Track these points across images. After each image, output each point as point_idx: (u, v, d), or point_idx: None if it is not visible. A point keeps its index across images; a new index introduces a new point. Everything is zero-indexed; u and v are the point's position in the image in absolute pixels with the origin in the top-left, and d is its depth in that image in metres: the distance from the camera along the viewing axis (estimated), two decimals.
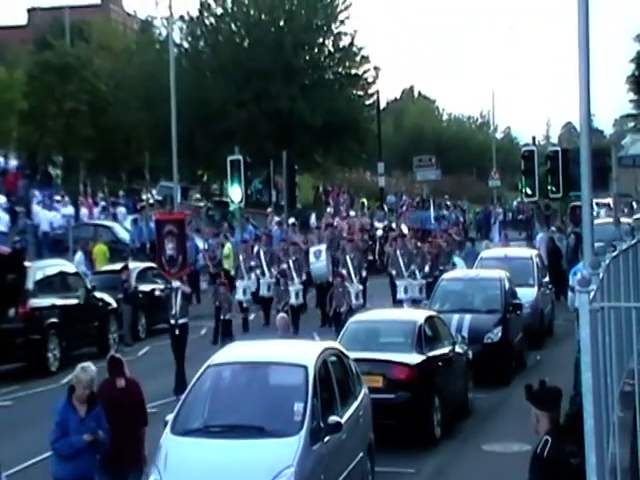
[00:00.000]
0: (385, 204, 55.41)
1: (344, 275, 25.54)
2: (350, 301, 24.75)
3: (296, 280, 26.99)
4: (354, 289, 25.76)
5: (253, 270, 28.54)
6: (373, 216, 47.05)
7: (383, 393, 14.95)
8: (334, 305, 24.81)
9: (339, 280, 25.24)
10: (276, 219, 39.69)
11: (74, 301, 24.40)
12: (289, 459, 10.52)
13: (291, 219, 37.95)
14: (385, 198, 57.77)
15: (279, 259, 28.24)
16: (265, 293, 27.88)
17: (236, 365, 12.24)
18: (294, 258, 27.88)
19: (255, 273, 28.54)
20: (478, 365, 18.59)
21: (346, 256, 26.96)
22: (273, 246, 30.52)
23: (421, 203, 54.93)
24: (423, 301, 24.72)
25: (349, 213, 48.53)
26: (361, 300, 26.37)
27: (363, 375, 13.56)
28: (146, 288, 27.42)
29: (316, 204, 56.58)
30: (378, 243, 38.42)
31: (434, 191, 59.55)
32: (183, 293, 20.54)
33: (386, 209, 51.55)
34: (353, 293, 25.41)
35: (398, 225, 40.01)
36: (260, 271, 28.38)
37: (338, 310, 24.53)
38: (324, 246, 29.65)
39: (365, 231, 38.75)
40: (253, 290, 28.46)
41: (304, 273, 28.15)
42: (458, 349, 17.96)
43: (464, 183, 77.86)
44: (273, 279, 27.50)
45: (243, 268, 28.46)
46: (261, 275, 28.34)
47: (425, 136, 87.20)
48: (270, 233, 33.91)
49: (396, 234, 32.03)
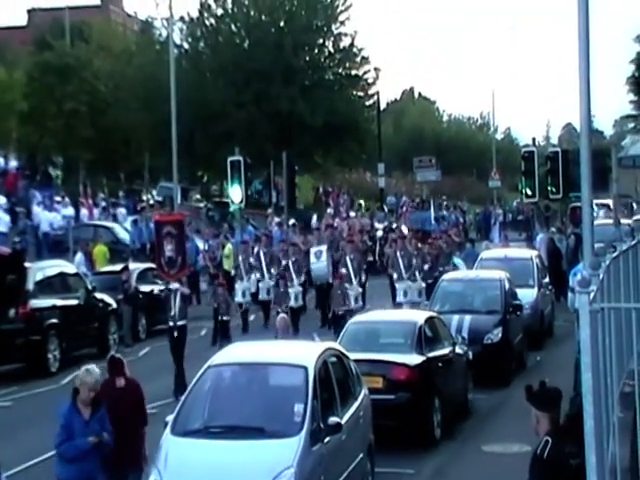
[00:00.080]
0: (385, 205, 55.43)
1: (343, 276, 25.52)
2: (349, 303, 24.74)
3: (295, 281, 27.00)
4: (354, 291, 25.74)
5: (253, 271, 28.52)
6: (373, 217, 47.06)
7: (383, 394, 14.94)
8: (332, 307, 24.80)
9: (338, 282, 25.22)
10: (276, 220, 39.69)
11: (74, 302, 24.40)
12: (289, 460, 10.53)
13: (291, 220, 37.96)
14: (385, 199, 57.79)
15: (279, 260, 28.23)
16: (265, 296, 27.84)
17: (236, 366, 12.24)
18: (294, 259, 27.88)
19: (255, 274, 28.52)
20: (478, 366, 18.58)
21: (346, 257, 26.93)
22: (273, 247, 30.51)
23: (421, 204, 54.93)
24: (422, 304, 24.73)
25: (349, 214, 48.54)
26: (360, 302, 26.29)
27: (363, 376, 13.55)
28: (146, 289, 27.42)
29: (316, 205, 56.56)
30: (378, 244, 38.41)
31: (434, 192, 59.52)
32: (182, 295, 20.47)
33: (386, 210, 51.56)
34: (352, 295, 25.41)
35: (398, 226, 39.97)
36: (260, 273, 28.37)
37: (336, 312, 24.52)
38: (325, 247, 29.63)
39: (365, 232, 38.75)
40: (253, 291, 28.45)
41: (303, 274, 28.17)
42: (458, 350, 17.97)
43: (464, 184, 77.85)
44: (272, 281, 27.49)
45: (242, 269, 28.45)
46: (260, 277, 28.32)
47: (425, 137, 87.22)
48: (270, 234, 33.89)
49: (396, 235, 31.99)
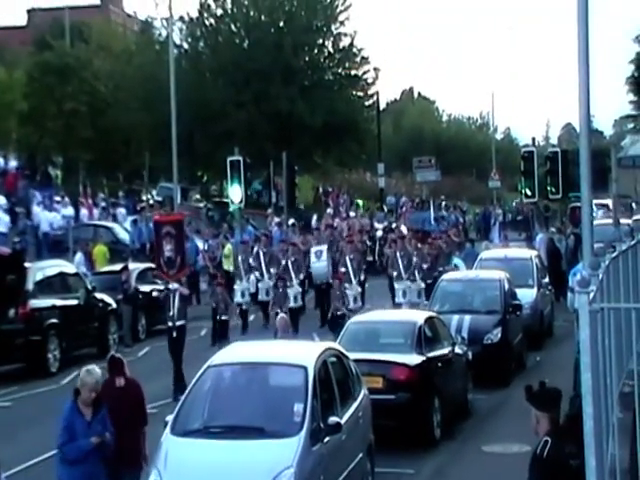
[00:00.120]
0: (385, 205, 55.44)
1: (342, 277, 25.53)
2: (348, 303, 24.74)
3: (295, 281, 26.99)
4: (353, 291, 25.74)
5: (252, 271, 28.50)
6: (373, 217, 47.08)
7: (383, 394, 14.94)
8: (332, 308, 24.82)
9: (337, 282, 25.24)
10: (276, 220, 39.70)
11: (74, 302, 24.39)
12: (289, 460, 10.53)
13: (291, 220, 37.97)
14: (385, 199, 57.80)
15: (278, 260, 28.21)
16: (264, 297, 27.80)
17: (236, 366, 12.24)
18: (293, 259, 27.86)
19: (254, 275, 28.50)
20: (478, 366, 18.59)
21: (345, 257, 26.93)
22: (272, 247, 30.50)
23: (420, 204, 54.94)
24: (422, 304, 24.73)
25: (349, 214, 48.56)
26: (359, 303, 26.26)
27: (363, 376, 13.56)
28: (146, 289, 27.42)
29: (316, 205, 56.56)
30: (378, 244, 38.43)
31: (434, 192, 59.52)
32: (181, 295, 20.45)
33: (386, 210, 51.57)
34: (352, 295, 25.40)
35: (398, 226, 39.99)
36: (259, 272, 28.35)
37: (335, 313, 24.54)
38: (325, 247, 29.65)
39: (365, 232, 38.76)
40: (252, 291, 28.43)
41: (302, 274, 28.18)
42: (458, 350, 17.97)
43: (464, 184, 77.84)
44: (272, 281, 27.46)
45: (242, 269, 28.43)
46: (260, 277, 28.31)
47: (425, 137, 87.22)
48: (269, 234, 33.88)
49: (396, 235, 32.00)
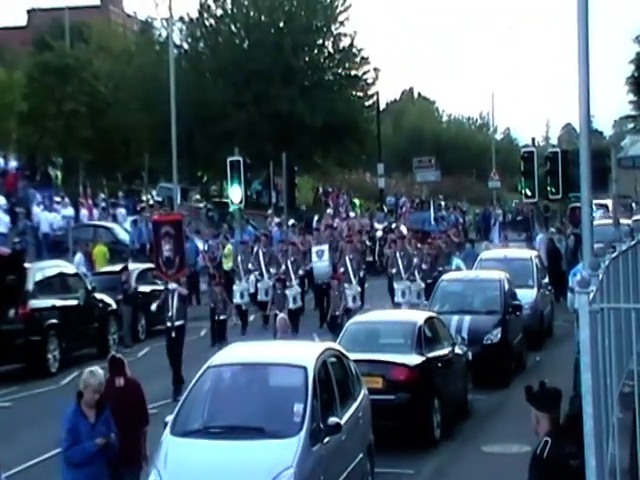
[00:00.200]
0: (385, 205, 55.47)
1: (341, 278, 25.54)
2: (346, 304, 24.74)
3: (294, 282, 26.96)
4: (352, 291, 25.74)
5: (252, 271, 28.48)
6: (373, 217, 47.10)
7: (383, 394, 14.94)
8: (331, 308, 24.82)
9: (335, 282, 25.25)
10: (276, 220, 39.69)
11: (74, 302, 24.39)
12: (289, 460, 10.52)
13: (291, 220, 37.95)
14: (385, 199, 57.83)
15: (277, 260, 28.21)
16: (263, 297, 27.78)
17: (236, 366, 12.23)
18: (292, 259, 27.85)
19: (254, 275, 28.48)
20: (478, 366, 18.58)
21: (345, 257, 26.94)
22: (272, 247, 30.50)
23: (420, 204, 54.96)
24: (422, 304, 24.72)
25: (349, 214, 48.58)
26: (359, 302, 26.27)
27: (363, 376, 13.55)
28: (146, 289, 27.40)
29: (315, 205, 56.58)
30: (378, 244, 38.43)
31: (434, 192, 59.55)
32: (180, 295, 20.44)
33: (386, 210, 51.59)
34: (351, 295, 25.40)
35: (397, 226, 40.01)
36: (258, 272, 28.34)
37: (333, 313, 24.54)
38: (326, 246, 29.66)
39: (365, 232, 38.77)
40: (252, 291, 28.41)
41: (301, 271, 28.22)
42: (458, 350, 17.96)
43: (464, 184, 77.89)
44: (271, 281, 27.42)
45: (241, 270, 28.41)
46: (259, 277, 28.31)
47: (425, 137, 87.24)
48: (269, 234, 33.87)
49: (395, 236, 32.01)
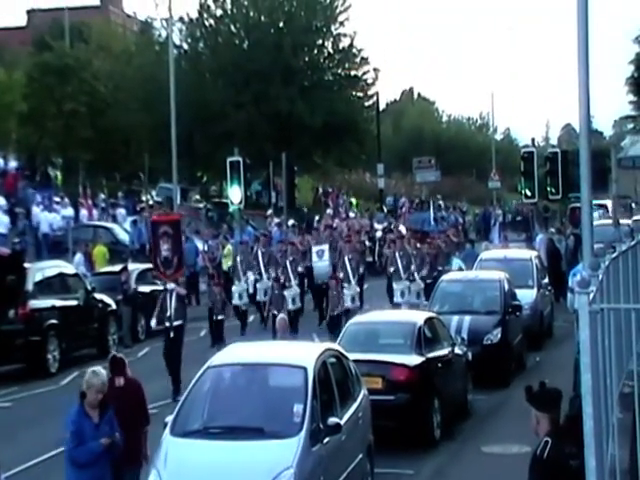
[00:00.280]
0: (385, 205, 55.46)
1: (339, 278, 25.54)
2: (344, 304, 24.72)
3: (293, 282, 26.95)
4: (351, 291, 25.72)
5: (251, 271, 28.47)
6: (373, 217, 47.09)
7: (382, 394, 14.94)
8: (329, 308, 24.79)
9: (334, 283, 25.23)
10: (276, 220, 39.68)
11: (74, 302, 24.40)
12: (288, 460, 10.52)
13: (290, 221, 37.94)
14: (384, 200, 57.82)
15: (277, 260, 28.20)
16: (262, 298, 27.78)
17: (236, 366, 12.23)
18: (291, 259, 27.84)
19: (254, 275, 28.47)
20: (478, 366, 18.58)
21: (344, 257, 26.93)
22: (272, 247, 30.49)
23: (420, 205, 54.95)
24: (422, 304, 24.71)
25: (348, 215, 48.57)
26: (358, 303, 26.22)
27: (363, 376, 13.55)
28: (145, 289, 27.39)
29: (315, 206, 56.56)
30: (377, 244, 38.43)
31: (433, 192, 59.54)
32: (178, 295, 20.42)
33: (385, 210, 51.58)
34: (350, 296, 25.38)
35: (396, 226, 40.01)
36: (257, 271, 28.33)
37: (332, 313, 24.50)
38: (326, 246, 29.66)
39: (364, 232, 38.75)
40: (251, 292, 28.39)
41: (300, 269, 28.21)
42: (457, 350, 17.96)
43: (464, 184, 77.88)
44: (270, 281, 27.40)
45: (240, 270, 28.39)
46: (258, 276, 28.29)
47: (424, 137, 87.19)
48: (269, 234, 33.86)
49: (394, 236, 32.01)
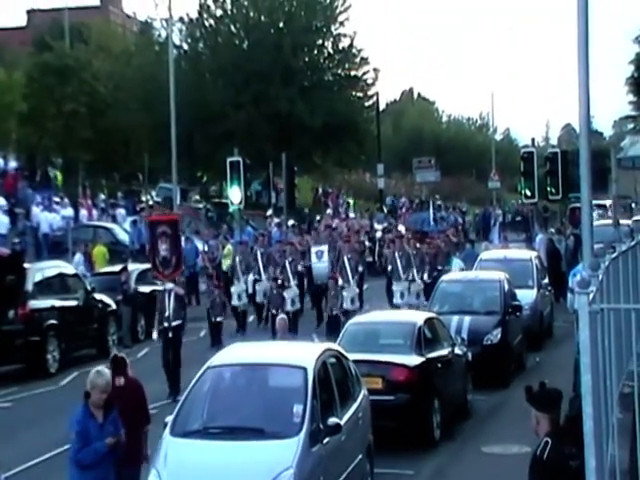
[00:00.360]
0: (385, 206, 55.45)
1: (337, 278, 25.53)
2: (342, 304, 24.72)
3: (292, 283, 26.92)
4: (351, 291, 25.69)
5: (250, 272, 28.45)
6: (372, 218, 47.08)
7: (382, 395, 14.94)
8: (328, 308, 24.76)
9: (332, 283, 25.20)
10: (276, 220, 39.68)
11: (73, 302, 24.39)
12: (288, 461, 10.52)
13: (290, 221, 37.93)
14: (384, 200, 57.82)
15: (275, 260, 28.19)
16: (261, 298, 27.73)
17: (236, 367, 12.23)
18: (290, 259, 27.82)
19: (254, 275, 28.45)
20: (477, 367, 18.57)
21: (343, 257, 26.91)
22: (271, 247, 30.48)
23: (420, 205, 54.98)
24: (421, 305, 24.70)
25: (348, 215, 48.57)
26: (357, 304, 26.17)
27: (362, 377, 13.55)
28: (145, 289, 27.38)
29: (315, 206, 56.56)
30: (377, 245, 38.42)
31: (433, 193, 59.56)
32: (176, 295, 20.39)
33: (385, 211, 51.57)
34: (349, 297, 25.36)
35: (395, 226, 40.02)
36: (256, 272, 28.30)
37: (330, 313, 24.48)
38: (325, 247, 29.65)
39: (364, 233, 38.75)
40: (250, 292, 28.36)
41: (300, 268, 28.19)
42: (457, 351, 17.96)
43: (463, 185, 77.90)
44: (269, 282, 27.37)
45: (239, 270, 28.36)
46: (258, 277, 28.27)
47: (424, 138, 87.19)
48: (268, 234, 33.86)
49: (393, 235, 32.02)
